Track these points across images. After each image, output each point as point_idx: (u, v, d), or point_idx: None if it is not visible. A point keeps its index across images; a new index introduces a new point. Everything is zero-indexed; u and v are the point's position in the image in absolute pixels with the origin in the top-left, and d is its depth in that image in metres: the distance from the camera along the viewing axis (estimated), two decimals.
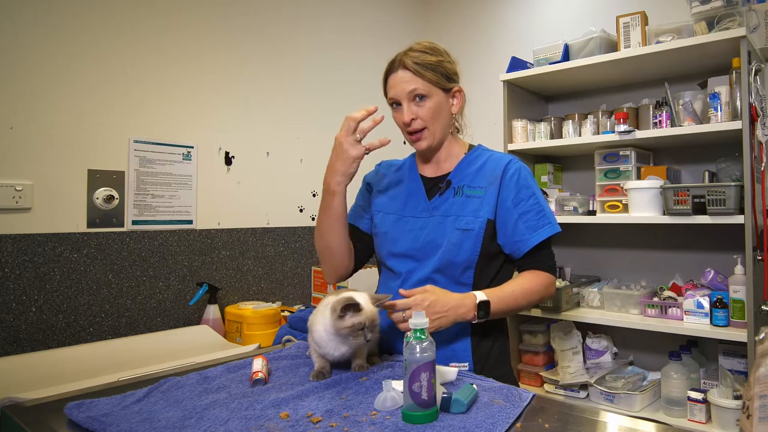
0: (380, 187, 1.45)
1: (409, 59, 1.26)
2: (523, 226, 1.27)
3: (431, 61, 1.26)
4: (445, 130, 1.33)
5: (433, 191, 1.35)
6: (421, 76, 1.25)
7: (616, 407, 2.06)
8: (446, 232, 1.28)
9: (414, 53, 1.27)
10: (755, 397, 0.87)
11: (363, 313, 1.07)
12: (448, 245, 1.26)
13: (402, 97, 1.27)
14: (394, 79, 1.29)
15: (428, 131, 1.29)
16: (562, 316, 2.25)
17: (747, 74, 1.81)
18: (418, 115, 1.27)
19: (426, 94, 1.26)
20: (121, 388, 1.08)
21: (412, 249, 1.31)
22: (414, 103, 1.27)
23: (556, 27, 2.73)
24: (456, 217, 1.28)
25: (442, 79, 1.28)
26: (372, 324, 1.09)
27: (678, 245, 2.35)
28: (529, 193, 1.29)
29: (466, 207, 1.29)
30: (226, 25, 2.30)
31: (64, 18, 1.82)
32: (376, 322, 1.10)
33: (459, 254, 1.26)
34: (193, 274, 2.15)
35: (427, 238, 1.29)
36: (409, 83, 1.25)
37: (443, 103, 1.30)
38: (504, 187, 1.29)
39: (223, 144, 2.29)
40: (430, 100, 1.27)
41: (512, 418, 0.90)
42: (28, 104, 1.75)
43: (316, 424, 0.87)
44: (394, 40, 3.06)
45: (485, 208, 1.28)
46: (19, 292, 1.71)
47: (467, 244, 1.26)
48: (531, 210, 1.28)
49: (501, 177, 1.30)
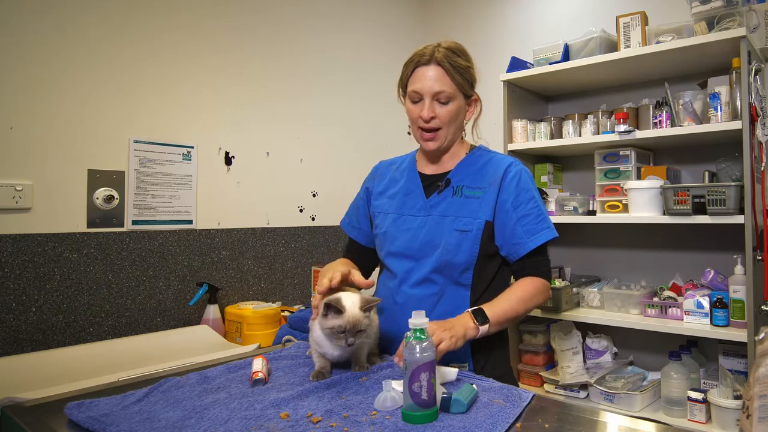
0: (379, 189, 1.45)
1: (443, 57, 1.24)
2: (522, 229, 1.26)
3: (462, 64, 1.26)
4: (456, 134, 1.34)
5: (431, 189, 1.34)
6: (452, 77, 1.24)
7: (616, 407, 2.06)
8: (444, 232, 1.27)
9: (448, 51, 1.25)
10: (755, 397, 0.87)
11: (344, 316, 1.05)
12: (446, 246, 1.26)
13: (427, 93, 1.25)
14: (423, 72, 1.26)
15: (442, 132, 1.29)
16: (562, 316, 2.25)
17: (747, 74, 1.81)
18: (438, 115, 1.27)
19: (450, 97, 1.26)
20: (121, 388, 1.08)
21: (409, 248, 1.31)
22: (437, 102, 1.26)
23: (556, 27, 2.73)
24: (454, 218, 1.28)
25: (467, 85, 1.28)
26: (354, 328, 1.05)
27: (678, 245, 2.35)
28: (528, 197, 1.29)
29: (464, 207, 1.28)
30: (226, 26, 2.30)
31: (64, 18, 1.82)
32: (359, 326, 1.06)
33: (457, 255, 1.25)
34: (193, 274, 2.15)
35: (425, 238, 1.29)
36: (437, 82, 1.24)
37: (462, 109, 1.30)
38: (504, 190, 1.28)
39: (223, 144, 2.29)
40: (452, 103, 1.27)
41: (512, 418, 0.90)
42: (28, 104, 1.75)
43: (316, 424, 0.87)
44: (393, 40, 3.06)
45: (484, 210, 1.27)
46: (19, 292, 1.70)
47: (465, 245, 1.25)
48: (530, 213, 1.27)
49: (501, 179, 1.29)
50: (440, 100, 1.26)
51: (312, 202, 2.63)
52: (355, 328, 1.05)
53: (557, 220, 2.28)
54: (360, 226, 1.48)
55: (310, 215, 2.62)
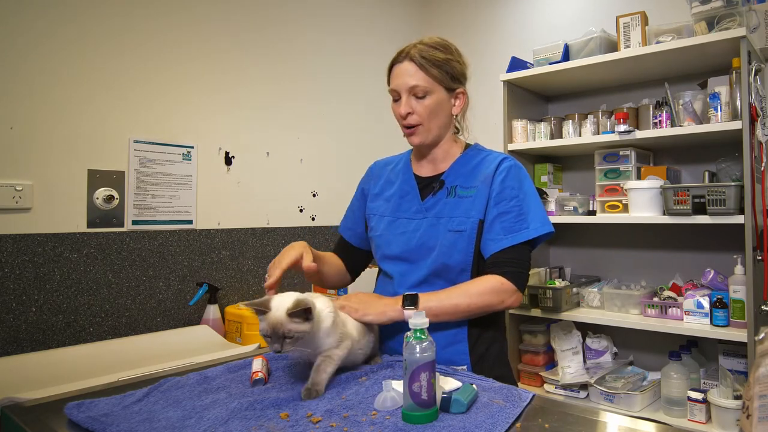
0: (375, 190, 1.43)
1: (416, 52, 1.23)
2: (499, 226, 1.23)
3: (439, 57, 1.24)
4: (442, 129, 1.31)
5: (426, 191, 1.33)
6: (426, 71, 1.23)
7: (616, 407, 2.06)
8: (439, 234, 1.26)
9: (423, 46, 1.24)
10: (755, 397, 0.87)
11: (266, 318, 0.96)
12: (441, 247, 1.24)
13: (402, 89, 1.25)
14: (398, 70, 1.26)
15: (423, 128, 1.27)
16: (562, 316, 2.25)
17: (747, 74, 1.81)
18: (415, 110, 1.25)
19: (427, 91, 1.24)
20: (121, 388, 1.08)
21: (405, 251, 1.29)
22: (413, 97, 1.25)
23: (556, 27, 2.73)
24: (449, 219, 1.26)
25: (446, 78, 1.26)
26: (275, 333, 0.95)
27: (678, 245, 2.35)
28: (512, 194, 1.25)
29: (458, 208, 1.27)
30: (226, 26, 2.30)
31: (64, 18, 1.82)
32: (281, 331, 0.95)
33: (452, 256, 1.24)
34: (193, 274, 2.15)
35: (420, 240, 1.27)
36: (411, 77, 1.23)
37: (443, 102, 1.28)
38: (492, 185, 1.26)
39: (223, 144, 2.29)
40: (430, 97, 1.25)
41: (512, 418, 0.90)
42: (28, 104, 1.75)
43: (316, 424, 0.87)
44: (393, 40, 3.06)
45: (477, 208, 1.25)
46: (19, 292, 1.71)
47: (460, 245, 1.24)
48: (511, 211, 1.24)
49: (492, 175, 1.27)
50: (417, 94, 1.24)
51: (312, 202, 2.63)
52: (277, 333, 0.95)
53: (557, 220, 2.28)
54: (354, 227, 1.48)
55: (310, 215, 2.62)
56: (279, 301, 0.99)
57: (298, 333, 0.97)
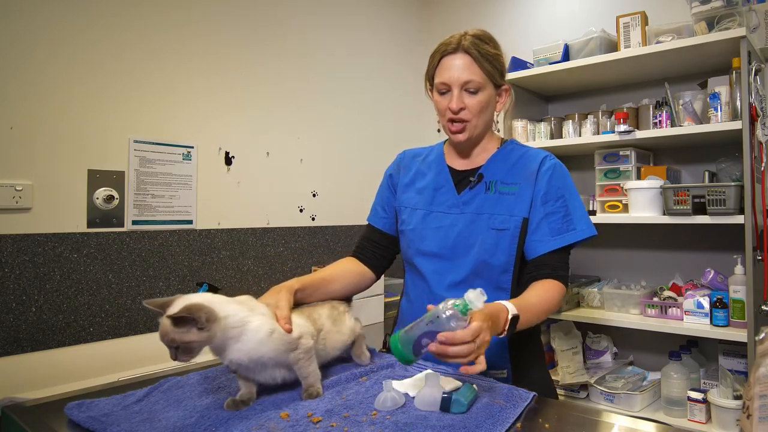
0: (406, 180, 1.36)
1: (471, 44, 1.17)
2: (546, 227, 1.19)
3: (491, 52, 1.20)
4: (486, 126, 1.27)
5: (463, 185, 1.26)
6: (480, 65, 1.18)
7: (616, 407, 2.06)
8: (480, 231, 1.20)
9: (475, 39, 1.19)
10: (755, 397, 0.87)
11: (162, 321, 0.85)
12: (482, 245, 1.19)
13: (454, 83, 1.18)
14: (450, 61, 1.19)
15: (471, 124, 1.22)
16: (562, 316, 2.25)
17: (747, 74, 1.81)
18: (467, 105, 1.19)
19: (480, 86, 1.19)
20: (121, 388, 1.08)
21: (442, 248, 1.23)
22: (466, 92, 1.19)
23: (556, 27, 2.73)
24: (490, 215, 1.21)
25: (496, 74, 1.21)
26: (162, 339, 0.84)
27: (678, 245, 2.35)
28: (559, 194, 1.21)
29: (499, 204, 1.21)
30: (226, 26, 2.29)
31: (64, 18, 1.82)
32: (165, 339, 0.84)
33: (495, 256, 1.18)
34: (193, 274, 2.15)
35: (458, 237, 1.22)
36: (465, 71, 1.17)
37: (492, 99, 1.23)
38: (537, 184, 1.22)
39: (223, 144, 2.29)
40: (482, 93, 1.19)
41: (512, 418, 0.90)
42: (28, 104, 1.75)
43: (316, 424, 0.87)
44: (393, 40, 3.06)
45: (520, 206, 1.20)
46: (19, 292, 1.70)
47: (503, 244, 1.19)
48: (557, 212, 1.20)
49: (536, 173, 1.23)
50: (469, 89, 1.19)
51: (312, 202, 2.63)
52: (164, 340, 0.84)
53: None
54: (386, 215, 1.38)
55: (310, 215, 2.62)
56: (178, 304, 0.86)
57: (183, 343, 0.83)
